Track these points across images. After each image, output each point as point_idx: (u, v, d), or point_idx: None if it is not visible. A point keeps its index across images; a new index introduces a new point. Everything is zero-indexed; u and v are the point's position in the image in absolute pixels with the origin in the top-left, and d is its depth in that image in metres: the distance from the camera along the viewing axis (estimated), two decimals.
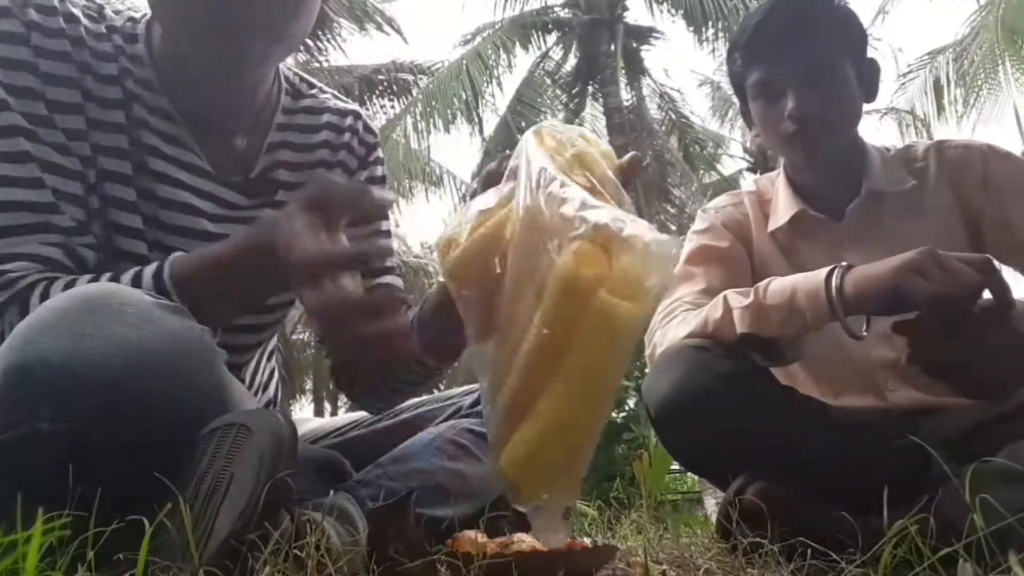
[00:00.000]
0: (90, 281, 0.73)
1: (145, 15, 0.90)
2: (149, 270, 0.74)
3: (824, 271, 0.99)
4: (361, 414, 1.14)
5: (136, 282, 0.72)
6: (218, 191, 0.91)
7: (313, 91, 1.04)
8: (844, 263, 0.99)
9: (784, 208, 1.29)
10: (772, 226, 1.30)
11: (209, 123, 0.91)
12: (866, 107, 1.30)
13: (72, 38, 0.82)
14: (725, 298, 1.08)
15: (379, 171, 1.09)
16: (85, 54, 0.83)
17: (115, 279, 0.73)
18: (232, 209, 0.92)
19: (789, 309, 1.00)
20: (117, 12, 0.89)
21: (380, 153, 1.11)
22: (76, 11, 0.83)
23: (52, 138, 0.79)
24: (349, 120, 1.05)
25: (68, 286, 0.72)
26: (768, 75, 1.22)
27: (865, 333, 1.00)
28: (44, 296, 0.72)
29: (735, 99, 1.37)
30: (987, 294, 0.91)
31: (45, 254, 0.77)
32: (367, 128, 1.07)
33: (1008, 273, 1.22)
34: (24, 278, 0.74)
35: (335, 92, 1.10)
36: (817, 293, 0.98)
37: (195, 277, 0.73)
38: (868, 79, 1.25)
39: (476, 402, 1.09)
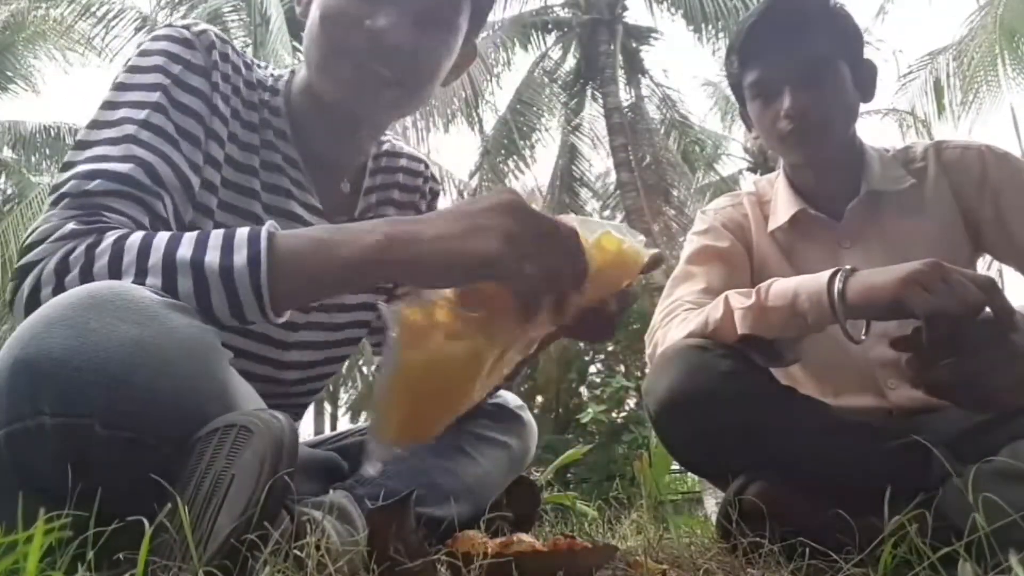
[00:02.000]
0: (170, 236, 0.71)
1: (282, 75, 1.00)
2: (243, 232, 0.71)
3: (827, 274, 0.99)
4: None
5: (228, 242, 0.70)
6: None
7: (387, 136, 1.14)
8: (848, 266, 0.99)
9: (784, 208, 1.29)
10: (772, 226, 1.30)
11: (325, 169, 1.00)
12: (867, 107, 1.31)
13: (234, 86, 0.92)
14: (727, 299, 1.08)
15: None
16: (239, 102, 0.93)
17: (203, 239, 0.70)
18: None
19: (791, 311, 1.00)
20: (261, 66, 1.00)
21: (440, 201, 1.22)
22: (240, 63, 0.94)
23: (191, 155, 0.85)
24: (421, 167, 1.16)
25: (145, 239, 0.71)
26: (764, 75, 1.23)
27: (864, 337, 1.00)
28: (120, 240, 0.70)
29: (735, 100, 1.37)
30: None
31: (141, 222, 0.77)
32: (434, 177, 1.19)
33: (1009, 273, 1.23)
34: (112, 226, 0.73)
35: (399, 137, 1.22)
36: (819, 296, 0.98)
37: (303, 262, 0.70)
38: (865, 80, 1.26)
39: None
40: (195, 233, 0.72)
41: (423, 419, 0.72)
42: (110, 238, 0.71)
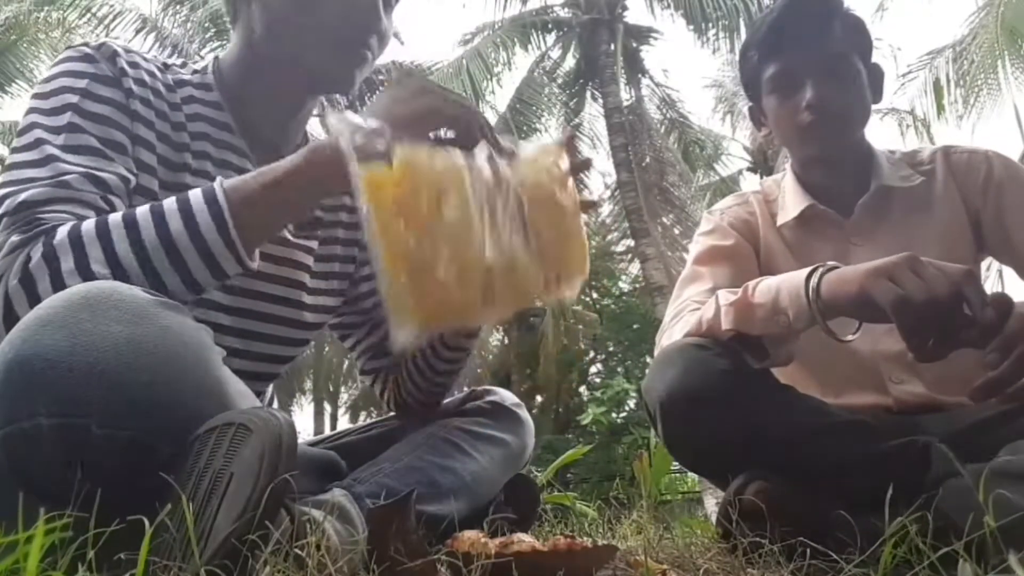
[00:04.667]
0: (124, 218, 0.74)
1: (207, 67, 1.01)
2: (198, 192, 0.77)
3: (807, 270, 0.98)
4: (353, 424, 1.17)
5: (184, 204, 0.75)
6: None
7: None
8: (830, 262, 0.97)
9: (792, 204, 1.30)
10: (780, 221, 1.31)
11: (271, 154, 1.00)
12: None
13: (153, 89, 0.92)
14: (716, 296, 1.08)
15: None
16: (164, 104, 0.93)
17: (159, 210, 0.75)
18: (281, 243, 1.00)
19: (773, 308, 0.99)
20: (181, 65, 1.01)
21: None
22: (153, 68, 0.94)
23: (123, 163, 0.86)
24: None
25: (100, 223, 0.74)
26: (785, 68, 1.25)
27: (853, 337, 0.97)
28: (74, 230, 0.73)
29: (737, 99, 1.38)
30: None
31: (82, 216, 0.78)
32: None
33: (1009, 274, 1.23)
34: (55, 224, 0.75)
35: None
36: (798, 293, 0.96)
37: (251, 191, 0.78)
38: (875, 82, 1.28)
39: (464, 401, 1.14)
40: (146, 207, 0.75)
41: (441, 292, 0.71)
42: (61, 233, 0.72)
